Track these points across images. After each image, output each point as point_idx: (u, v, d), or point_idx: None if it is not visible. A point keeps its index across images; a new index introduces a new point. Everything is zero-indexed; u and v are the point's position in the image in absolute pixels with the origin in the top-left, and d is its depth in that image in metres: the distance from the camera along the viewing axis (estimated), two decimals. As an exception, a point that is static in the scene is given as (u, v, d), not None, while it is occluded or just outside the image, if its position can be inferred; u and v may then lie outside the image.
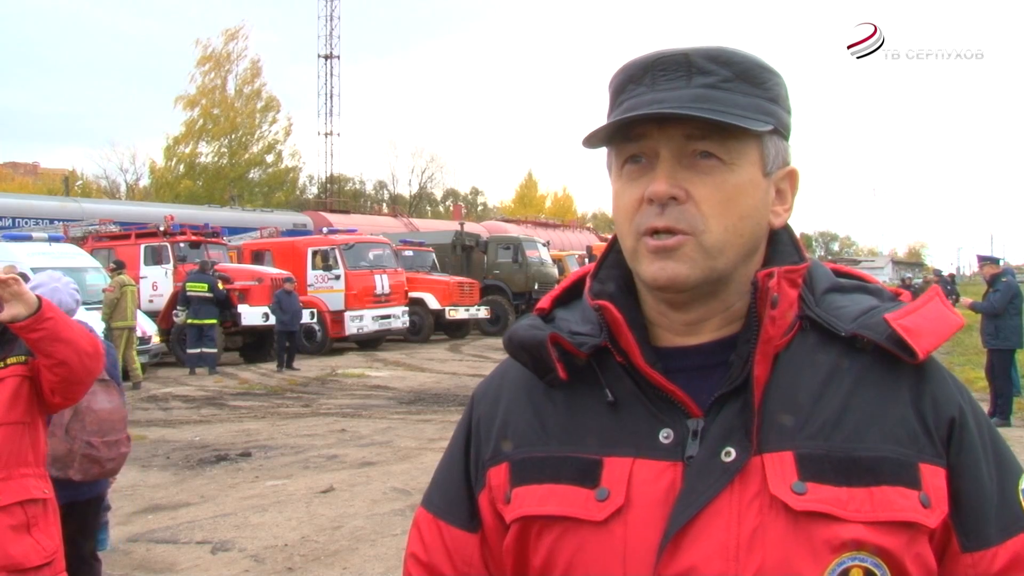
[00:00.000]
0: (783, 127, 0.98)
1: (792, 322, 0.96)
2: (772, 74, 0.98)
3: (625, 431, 0.96)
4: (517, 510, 0.98)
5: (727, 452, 0.91)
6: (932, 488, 0.90)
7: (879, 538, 0.87)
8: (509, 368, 1.08)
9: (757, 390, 0.92)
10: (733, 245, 0.94)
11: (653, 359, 0.97)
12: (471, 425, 1.09)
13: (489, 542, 1.04)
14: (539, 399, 1.02)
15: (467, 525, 1.06)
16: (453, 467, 1.09)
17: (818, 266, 1.04)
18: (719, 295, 0.96)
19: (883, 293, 1.01)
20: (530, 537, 0.98)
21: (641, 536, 0.91)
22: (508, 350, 1.05)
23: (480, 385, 1.14)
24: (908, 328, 0.92)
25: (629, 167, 0.97)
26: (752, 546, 0.88)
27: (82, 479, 3.64)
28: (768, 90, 0.97)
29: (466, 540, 1.05)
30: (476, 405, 1.11)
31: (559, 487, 0.96)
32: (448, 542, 1.06)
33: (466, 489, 1.06)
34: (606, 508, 0.93)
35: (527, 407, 1.03)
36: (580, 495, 0.95)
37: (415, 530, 1.11)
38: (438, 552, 1.07)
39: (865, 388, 0.93)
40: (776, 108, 0.97)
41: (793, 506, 0.88)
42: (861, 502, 0.88)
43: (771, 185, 0.98)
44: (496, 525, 1.03)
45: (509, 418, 1.04)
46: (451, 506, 1.07)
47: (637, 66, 0.97)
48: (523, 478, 0.99)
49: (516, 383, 1.06)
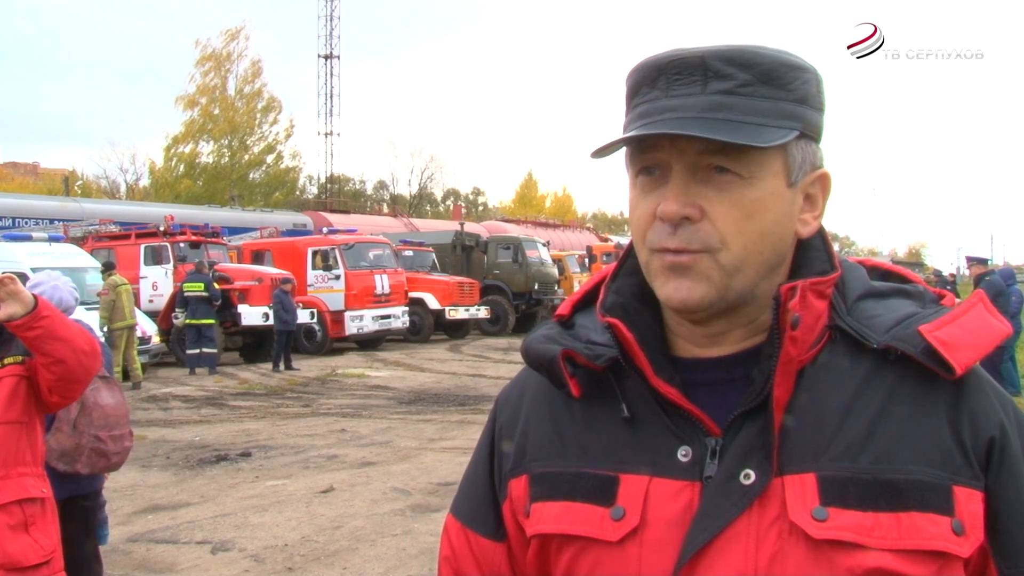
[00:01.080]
0: (812, 129, 0.91)
1: (820, 333, 0.91)
2: (800, 71, 0.90)
3: (642, 447, 0.92)
4: (536, 526, 0.96)
5: (746, 474, 0.87)
6: (967, 514, 0.85)
7: (905, 567, 0.82)
8: (530, 376, 1.04)
9: (777, 412, 0.87)
10: (752, 263, 0.88)
11: (671, 372, 0.93)
12: (494, 434, 1.07)
13: (515, 551, 1.03)
14: (558, 410, 0.99)
15: (494, 534, 1.04)
16: (478, 475, 1.07)
17: (852, 269, 0.98)
18: (740, 310, 0.92)
19: (925, 296, 0.96)
20: (550, 553, 0.96)
21: (656, 558, 0.88)
22: (526, 362, 1.02)
23: (503, 391, 1.11)
24: (944, 341, 0.86)
25: (643, 178, 0.91)
26: (770, 573, 0.85)
27: (89, 472, 3.69)
28: (794, 90, 0.89)
29: (493, 549, 1.04)
30: (499, 412, 1.08)
31: (575, 504, 0.93)
32: (476, 551, 1.05)
33: (491, 498, 1.04)
34: (621, 528, 0.90)
35: (547, 418, 1.00)
36: (596, 514, 0.92)
37: (445, 537, 1.09)
38: (468, 561, 1.05)
39: (897, 405, 0.87)
40: (803, 109, 0.90)
41: (813, 534, 0.83)
42: (887, 528, 0.83)
43: (798, 193, 0.91)
44: (519, 536, 1.01)
45: (529, 429, 1.01)
46: (477, 515, 1.05)
47: (651, 67, 0.91)
48: (541, 493, 0.97)
49: (537, 391, 1.03)
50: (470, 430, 9.48)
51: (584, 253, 31.36)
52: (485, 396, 12.14)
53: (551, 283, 24.73)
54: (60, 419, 3.63)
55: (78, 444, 3.61)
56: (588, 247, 32.84)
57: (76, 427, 3.61)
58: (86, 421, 3.63)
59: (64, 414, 3.63)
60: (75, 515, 3.88)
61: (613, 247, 32.12)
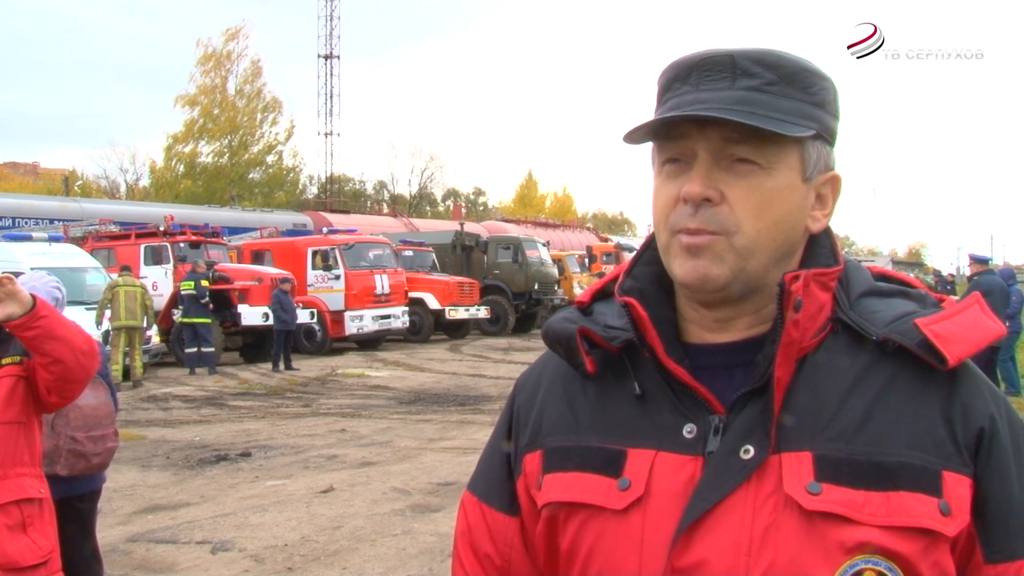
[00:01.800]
0: (827, 132, 0.98)
1: (823, 324, 0.96)
2: (820, 78, 0.98)
3: (650, 424, 0.98)
4: (546, 496, 1.02)
5: (746, 450, 0.92)
6: (954, 497, 0.89)
7: (893, 542, 0.87)
8: (549, 359, 1.11)
9: (778, 391, 0.92)
10: (765, 248, 0.95)
11: (680, 355, 0.99)
12: (512, 414, 1.13)
13: (527, 526, 1.08)
14: (574, 390, 1.05)
15: (508, 509, 1.09)
16: (495, 453, 1.13)
17: (856, 268, 1.04)
18: (751, 298, 0.97)
19: (926, 299, 1.00)
20: (558, 522, 1.01)
21: (658, 526, 0.93)
22: (545, 341, 1.08)
23: (522, 375, 1.17)
24: (939, 334, 0.91)
25: (669, 166, 0.98)
26: (764, 543, 0.89)
27: (69, 474, 3.66)
28: (814, 94, 0.97)
29: (507, 523, 1.09)
30: (517, 394, 1.14)
31: (584, 475, 0.99)
32: (491, 525, 1.11)
33: (507, 475, 1.10)
34: (627, 497, 0.96)
35: (562, 397, 1.06)
36: (603, 484, 0.98)
37: (462, 511, 1.15)
38: (482, 534, 1.11)
39: (893, 393, 0.92)
40: (821, 113, 0.97)
41: (805, 506, 0.88)
42: (877, 506, 0.88)
43: (811, 190, 0.98)
44: (531, 509, 1.06)
45: (545, 407, 1.07)
46: (493, 490, 1.12)
47: (684, 65, 0.98)
48: (553, 465, 1.03)
49: (554, 374, 1.09)
50: (470, 430, 9.49)
51: (584, 253, 31.34)
52: (485, 396, 12.15)
53: (551, 283, 24.73)
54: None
55: (56, 445, 3.59)
56: (588, 247, 32.84)
57: (53, 428, 3.60)
58: (63, 422, 3.61)
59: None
60: (73, 516, 3.88)
61: (613, 247, 32.13)
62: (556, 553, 1.03)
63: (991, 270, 11.09)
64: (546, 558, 1.05)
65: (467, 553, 1.12)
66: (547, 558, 1.05)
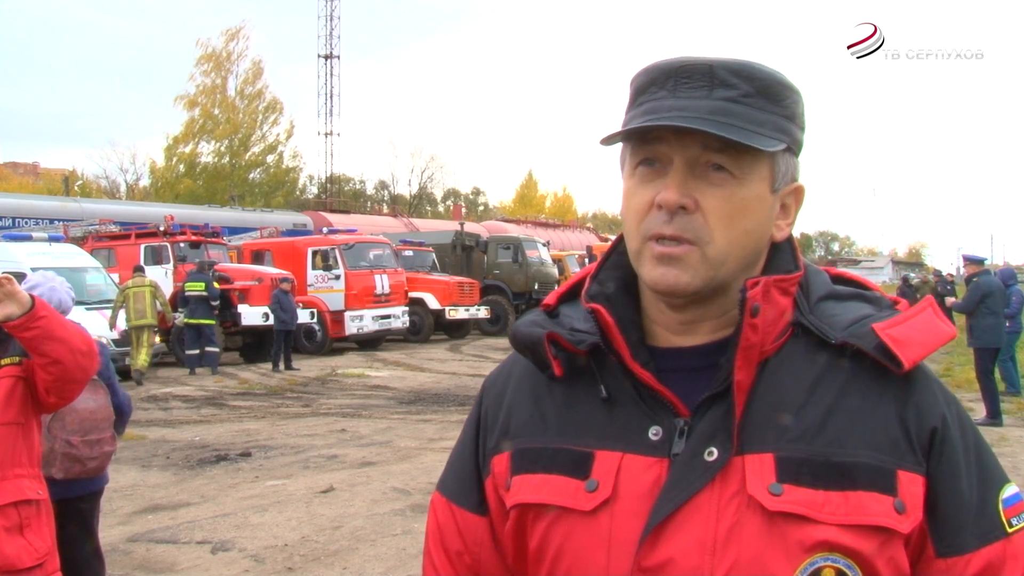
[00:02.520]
0: (795, 145, 1.01)
1: (784, 328, 0.99)
2: (791, 91, 1.00)
3: (617, 426, 1.00)
4: (515, 497, 1.03)
5: (710, 451, 0.95)
6: (908, 495, 0.93)
7: (851, 540, 0.90)
8: (517, 360, 1.12)
9: (739, 394, 0.95)
10: (735, 257, 0.97)
11: (646, 359, 1.01)
12: (480, 415, 1.14)
13: (496, 525, 1.10)
14: (541, 392, 1.07)
15: (477, 509, 1.11)
16: (464, 453, 1.15)
17: (816, 273, 1.06)
18: (716, 300, 1.00)
19: (881, 301, 1.03)
20: (527, 523, 1.03)
21: (625, 527, 0.95)
22: (513, 345, 1.10)
23: (490, 376, 1.18)
24: (895, 338, 0.94)
25: (642, 169, 0.99)
26: (728, 542, 0.92)
27: (64, 477, 3.65)
28: (786, 108, 0.99)
29: (476, 523, 1.11)
30: (485, 395, 1.15)
31: (552, 477, 1.01)
32: (460, 524, 1.12)
33: (476, 475, 1.12)
34: (594, 499, 0.97)
35: (529, 399, 1.07)
36: (571, 485, 0.99)
37: (432, 512, 1.17)
38: (452, 533, 1.13)
39: (850, 395, 0.95)
40: (791, 126, 1.00)
41: (768, 506, 0.91)
42: (836, 505, 0.90)
43: (777, 200, 1.01)
44: (500, 510, 1.08)
45: (513, 409, 1.09)
46: (463, 491, 1.13)
47: (661, 70, 0.99)
48: (522, 467, 1.04)
49: (522, 376, 1.10)
50: (470, 430, 9.48)
51: (584, 253, 31.33)
52: (485, 396, 12.14)
53: (551, 283, 24.70)
54: None
55: (51, 448, 3.58)
56: (588, 247, 32.81)
57: (49, 431, 3.58)
58: (59, 425, 3.60)
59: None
60: (74, 516, 3.88)
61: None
62: (525, 553, 1.04)
63: (987, 270, 11.07)
64: (515, 558, 1.07)
65: (438, 551, 1.14)
66: (516, 558, 1.07)
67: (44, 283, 3.82)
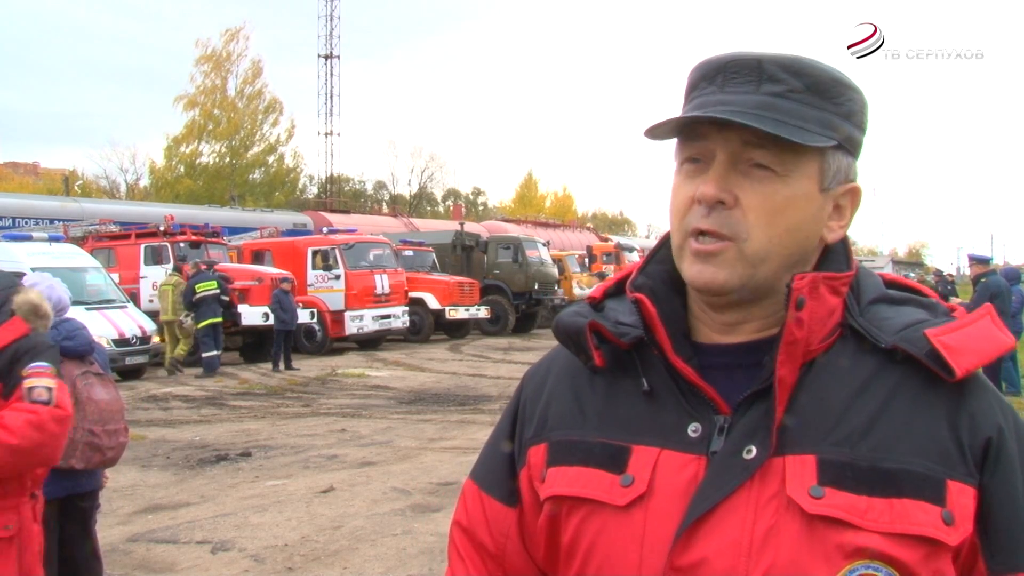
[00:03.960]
0: (851, 144, 0.98)
1: (832, 329, 0.96)
2: (848, 89, 0.97)
3: (656, 422, 0.99)
4: (549, 489, 1.02)
5: (748, 450, 0.93)
6: (957, 506, 0.89)
7: (894, 549, 0.87)
8: (558, 354, 1.12)
9: (781, 391, 0.92)
10: (776, 255, 0.95)
11: (689, 354, 0.99)
12: (518, 405, 1.13)
13: (527, 517, 1.09)
14: (581, 385, 1.06)
15: (507, 499, 1.10)
16: (499, 444, 1.14)
17: (868, 275, 1.03)
18: (760, 302, 0.98)
19: (937, 308, 1.00)
20: (560, 516, 1.02)
21: (659, 524, 0.94)
22: (555, 335, 1.09)
23: (530, 368, 1.18)
24: (948, 345, 0.91)
25: (688, 165, 0.99)
26: (765, 545, 0.89)
27: (84, 467, 3.69)
28: (840, 105, 0.96)
29: (505, 514, 1.10)
30: (524, 387, 1.15)
31: (588, 470, 1.00)
32: (489, 514, 1.11)
33: (509, 466, 1.11)
34: (629, 494, 0.96)
35: (569, 392, 1.07)
36: (606, 479, 0.98)
37: (461, 499, 1.17)
38: (479, 522, 1.12)
39: (899, 401, 0.92)
40: (846, 124, 0.97)
41: (808, 509, 0.88)
42: (880, 512, 0.87)
43: (828, 200, 0.98)
44: (533, 502, 1.07)
45: (552, 401, 1.08)
46: (494, 480, 1.12)
47: (711, 65, 0.99)
48: (557, 459, 1.03)
49: (562, 368, 1.10)
50: (470, 430, 9.48)
51: (584, 253, 31.33)
52: (485, 396, 12.15)
53: (551, 283, 24.72)
54: None
55: (72, 439, 3.61)
56: (588, 247, 32.82)
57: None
58: (80, 415, 3.63)
59: None
60: (73, 515, 3.89)
61: (613, 247, 32.11)
62: (557, 547, 1.03)
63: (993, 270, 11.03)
64: (546, 551, 1.06)
65: (462, 539, 1.14)
66: (547, 551, 1.06)
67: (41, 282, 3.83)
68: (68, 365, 3.72)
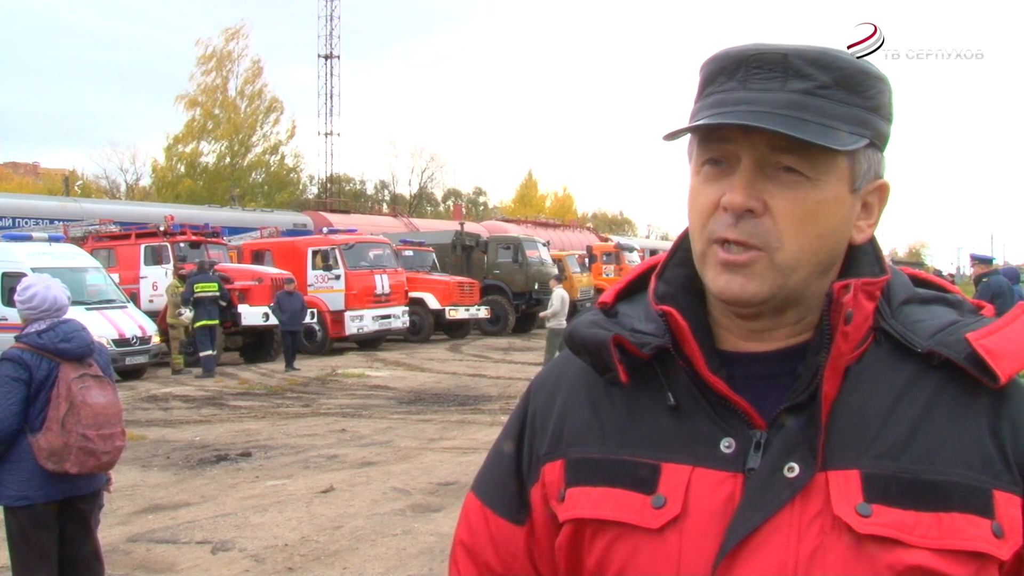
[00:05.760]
0: (880, 139, 0.93)
1: (866, 334, 0.92)
2: (876, 80, 0.92)
3: (685, 437, 0.93)
4: (571, 511, 0.96)
5: (790, 467, 0.88)
6: (1006, 517, 0.86)
7: (945, 566, 0.83)
8: (569, 361, 1.05)
9: (825, 405, 0.88)
10: (807, 263, 0.90)
11: (717, 365, 0.94)
12: (526, 416, 1.07)
13: (537, 536, 1.03)
14: (598, 397, 0.99)
15: (514, 517, 1.04)
16: (504, 457, 1.07)
17: (897, 275, 0.99)
18: (789, 309, 0.93)
19: (963, 305, 0.97)
20: (584, 539, 0.96)
21: (697, 547, 0.89)
22: (569, 347, 1.02)
23: (537, 377, 1.11)
24: (990, 349, 0.87)
25: (709, 168, 0.92)
26: (811, 566, 0.85)
27: (78, 471, 3.67)
28: (870, 99, 0.90)
29: (512, 532, 1.04)
30: (532, 397, 1.08)
31: (615, 491, 0.94)
32: (494, 531, 1.05)
33: (516, 481, 1.05)
34: (662, 516, 0.91)
35: (585, 404, 1.00)
36: (636, 501, 0.92)
37: (463, 515, 1.10)
38: (484, 542, 1.06)
39: (939, 408, 0.88)
40: (875, 118, 0.91)
41: (857, 529, 0.84)
42: (928, 527, 0.84)
43: (858, 200, 0.93)
44: (547, 521, 1.01)
45: (566, 414, 1.01)
46: (500, 496, 1.06)
47: (731, 58, 0.91)
48: (580, 478, 0.97)
49: (575, 378, 1.03)
50: (470, 430, 9.49)
51: (584, 253, 31.32)
52: (485, 396, 12.15)
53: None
54: (50, 418, 3.63)
55: (66, 443, 3.60)
56: (588, 247, 32.78)
57: (64, 426, 3.61)
58: (74, 420, 3.62)
59: (54, 413, 3.63)
60: (73, 516, 3.88)
61: (613, 247, 32.10)
62: (579, 570, 0.97)
63: (996, 270, 11.00)
64: (567, 574, 1.00)
65: (465, 560, 1.08)
66: (568, 574, 0.99)
67: (37, 283, 3.83)
68: (65, 368, 3.71)
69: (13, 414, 3.59)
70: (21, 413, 3.62)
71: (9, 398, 3.59)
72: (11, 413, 3.58)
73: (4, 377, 3.62)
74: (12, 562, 3.80)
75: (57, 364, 3.70)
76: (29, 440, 3.62)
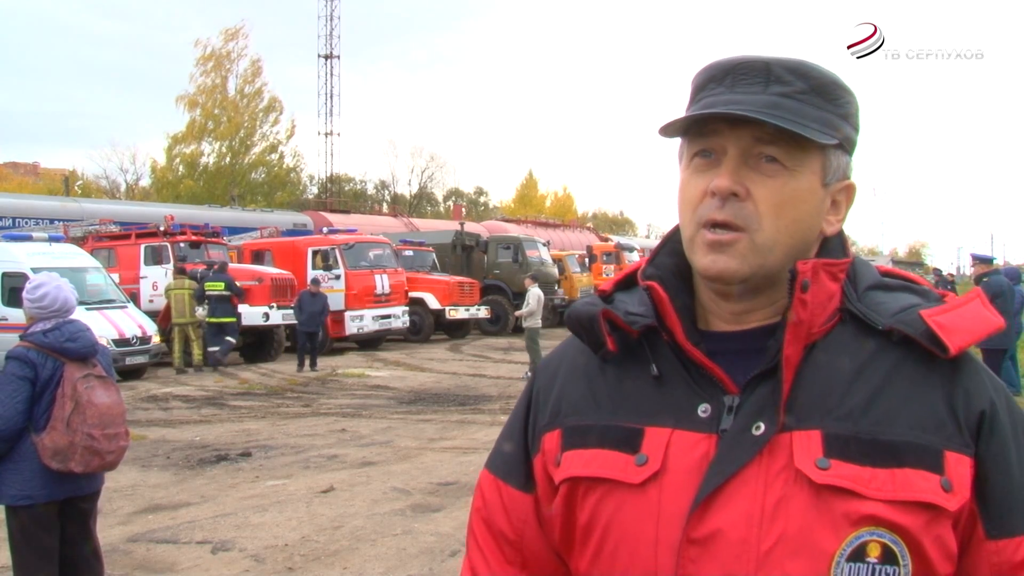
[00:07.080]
0: (848, 143, 1.05)
1: (832, 314, 1.02)
2: (846, 92, 1.04)
3: (667, 404, 1.04)
4: (565, 471, 1.07)
5: (757, 426, 0.98)
6: (955, 475, 0.94)
7: (898, 516, 0.92)
8: (570, 345, 1.17)
9: (787, 370, 0.98)
10: (783, 245, 1.00)
11: (697, 339, 1.04)
12: (532, 394, 1.18)
13: (542, 503, 1.13)
14: (593, 372, 1.11)
15: (524, 486, 1.14)
16: (513, 432, 1.18)
17: (864, 264, 1.10)
18: (766, 291, 1.03)
19: (929, 294, 1.06)
20: (576, 497, 1.06)
21: (674, 499, 0.99)
22: (567, 325, 1.14)
23: (543, 359, 1.23)
24: (942, 325, 0.97)
25: (698, 160, 1.04)
26: (776, 515, 0.94)
27: (83, 471, 3.67)
28: (840, 107, 1.03)
29: (522, 500, 1.14)
30: (538, 376, 1.19)
31: (603, 452, 1.04)
32: (506, 501, 1.15)
33: (524, 453, 1.15)
34: (643, 472, 1.01)
35: (582, 379, 1.12)
36: (621, 460, 1.03)
37: (479, 489, 1.21)
38: (497, 510, 1.16)
39: (898, 379, 0.98)
40: (844, 125, 1.03)
41: (816, 480, 0.93)
42: (883, 481, 0.93)
43: (828, 195, 1.04)
44: (548, 487, 1.11)
45: (565, 389, 1.13)
46: (510, 468, 1.16)
47: (720, 68, 1.04)
48: (572, 443, 1.08)
49: (574, 358, 1.15)
50: (470, 430, 9.49)
51: (584, 253, 31.32)
52: (485, 396, 12.15)
53: (551, 283, 24.70)
54: (55, 417, 3.64)
55: (71, 442, 3.61)
56: (588, 247, 32.79)
57: (69, 425, 3.61)
58: (79, 419, 3.63)
59: (59, 412, 3.64)
60: (74, 516, 3.88)
61: (613, 247, 32.11)
62: (573, 527, 1.07)
63: (996, 270, 11.01)
64: (562, 533, 1.09)
65: (481, 528, 1.17)
66: (563, 533, 1.09)
67: (49, 282, 3.83)
68: (69, 367, 3.72)
69: (19, 412, 3.59)
70: (26, 412, 3.62)
71: (15, 396, 3.59)
72: (17, 412, 3.59)
73: (10, 375, 3.62)
74: (13, 562, 3.81)
75: (62, 364, 3.71)
76: (33, 439, 3.63)
